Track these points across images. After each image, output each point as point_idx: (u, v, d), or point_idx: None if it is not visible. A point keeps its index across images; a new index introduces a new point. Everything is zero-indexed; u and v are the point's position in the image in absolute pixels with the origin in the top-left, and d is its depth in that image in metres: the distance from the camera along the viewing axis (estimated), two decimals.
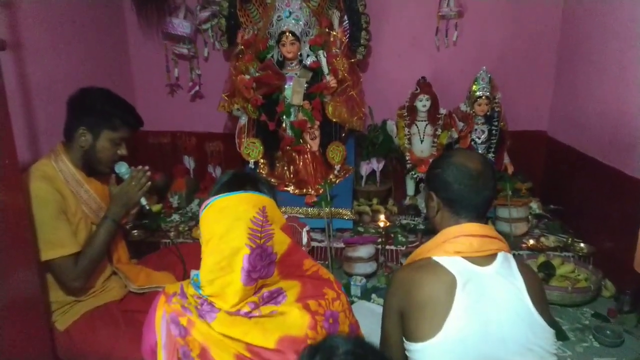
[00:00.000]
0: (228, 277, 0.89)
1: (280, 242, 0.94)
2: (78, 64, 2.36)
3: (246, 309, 0.88)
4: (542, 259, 2.11)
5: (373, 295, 1.87)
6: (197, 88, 2.87)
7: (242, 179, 0.99)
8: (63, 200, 1.53)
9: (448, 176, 1.12)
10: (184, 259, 1.82)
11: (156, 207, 2.66)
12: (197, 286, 0.92)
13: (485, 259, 1.07)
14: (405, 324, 1.05)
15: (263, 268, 0.90)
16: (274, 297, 0.90)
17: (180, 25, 2.64)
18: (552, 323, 1.06)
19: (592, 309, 1.90)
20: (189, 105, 2.97)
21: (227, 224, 0.90)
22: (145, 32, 2.82)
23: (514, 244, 2.27)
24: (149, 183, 1.70)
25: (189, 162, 2.98)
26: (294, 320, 0.86)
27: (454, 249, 1.08)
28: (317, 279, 0.99)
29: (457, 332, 0.98)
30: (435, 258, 1.07)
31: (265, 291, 0.91)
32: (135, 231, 2.40)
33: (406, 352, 1.06)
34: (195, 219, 2.64)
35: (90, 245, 1.57)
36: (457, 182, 1.11)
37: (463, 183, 1.10)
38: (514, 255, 2.10)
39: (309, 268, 1.00)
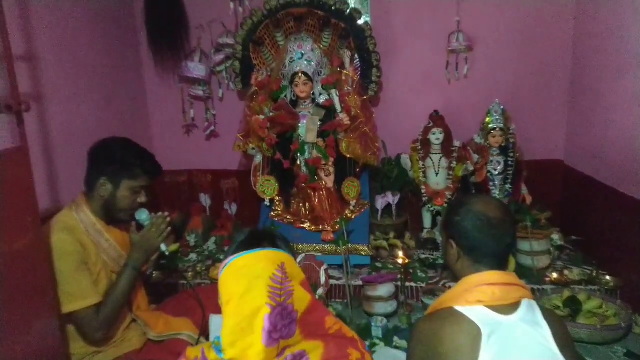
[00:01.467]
0: (249, 338, 0.88)
1: (301, 299, 0.93)
2: (97, 111, 2.43)
3: None
4: (567, 293, 2.05)
5: (395, 338, 1.83)
6: (212, 128, 2.92)
7: (259, 236, 0.99)
8: (84, 250, 1.54)
9: (468, 225, 1.11)
10: (203, 302, 1.81)
11: (174, 247, 2.66)
12: (219, 350, 0.91)
13: (509, 307, 1.04)
14: None
15: (284, 327, 0.89)
16: None
17: (196, 68, 2.71)
18: None
19: (624, 347, 1.83)
20: (204, 144, 3.02)
21: (246, 283, 0.90)
22: (161, 75, 2.90)
23: (537, 277, 2.22)
24: (169, 229, 1.71)
25: (206, 200, 3.01)
26: None
27: (476, 298, 1.05)
28: (340, 338, 0.97)
29: None
30: (458, 308, 1.05)
31: (288, 354, 0.90)
32: (154, 273, 2.41)
33: None
34: (212, 257, 2.64)
35: (111, 294, 1.57)
36: (477, 231, 1.10)
37: (484, 232, 1.09)
38: (538, 290, 2.10)
39: (332, 326, 0.99)
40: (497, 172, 2.57)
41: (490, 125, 2.52)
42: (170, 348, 1.65)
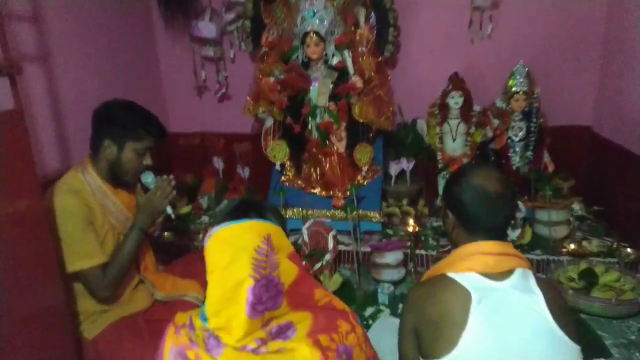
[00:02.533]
0: (233, 308, 0.86)
1: (287, 272, 0.90)
2: (107, 72, 2.40)
3: (253, 345, 0.85)
4: (583, 265, 1.97)
5: (400, 305, 1.81)
6: (223, 90, 2.87)
7: (247, 207, 0.96)
8: (90, 212, 1.56)
9: (465, 198, 1.10)
10: None
11: (186, 209, 2.68)
12: (204, 318, 0.90)
13: (501, 275, 1.05)
14: (420, 342, 1.04)
15: (269, 299, 0.87)
16: (283, 331, 0.87)
17: (206, 28, 2.63)
18: (577, 339, 1.02)
19: (639, 322, 1.76)
20: (217, 107, 2.97)
21: (230, 254, 0.87)
22: (172, 36, 2.84)
23: (553, 248, 2.15)
24: (174, 192, 1.71)
25: (218, 163, 2.99)
26: (303, 357, 0.83)
27: (469, 266, 1.06)
28: (330, 310, 0.95)
29: (473, 347, 0.96)
30: (450, 274, 1.06)
31: (274, 325, 0.88)
32: (166, 233, 2.44)
33: None
34: None
35: (118, 254, 1.59)
36: (474, 204, 1.09)
37: (480, 206, 1.08)
38: (553, 261, 2.03)
39: (321, 298, 0.96)
40: (518, 139, 2.45)
41: (513, 89, 2.39)
42: (177, 309, 1.63)
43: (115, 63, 2.46)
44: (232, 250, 0.88)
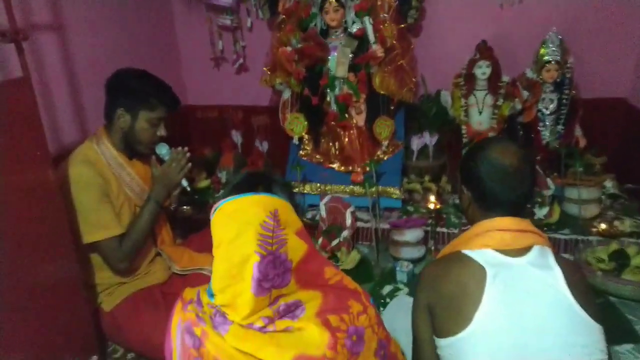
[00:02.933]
0: (238, 285, 0.82)
1: (295, 249, 0.85)
2: (123, 41, 2.35)
3: (260, 324, 0.81)
4: (614, 246, 1.88)
5: None
6: (240, 61, 2.79)
7: (254, 180, 0.91)
8: (105, 183, 1.54)
9: (481, 172, 1.04)
10: None
11: (204, 183, 2.67)
12: (211, 294, 0.87)
13: (518, 251, 1.01)
14: (434, 320, 1.02)
15: (277, 277, 0.83)
16: (292, 310, 0.83)
17: None
18: (600, 318, 0.97)
19: None
20: (234, 78, 2.91)
21: (235, 228, 0.83)
22: (189, 5, 2.76)
23: (582, 228, 2.05)
24: (190, 164, 1.69)
25: (237, 137, 2.95)
26: (311, 338, 0.79)
27: (484, 242, 1.02)
28: (341, 289, 0.90)
29: (487, 324, 0.94)
30: (465, 251, 1.02)
31: (282, 303, 0.84)
32: (185, 207, 2.43)
33: (437, 351, 1.02)
34: None
35: (134, 226, 1.58)
36: (490, 179, 1.03)
37: (496, 181, 1.03)
38: (582, 241, 1.94)
39: (331, 277, 0.92)
40: (548, 112, 2.32)
41: (544, 58, 2.24)
42: (193, 282, 1.66)
43: (130, 33, 2.41)
44: (237, 225, 0.84)
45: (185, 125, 3.01)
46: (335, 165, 2.39)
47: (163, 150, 1.68)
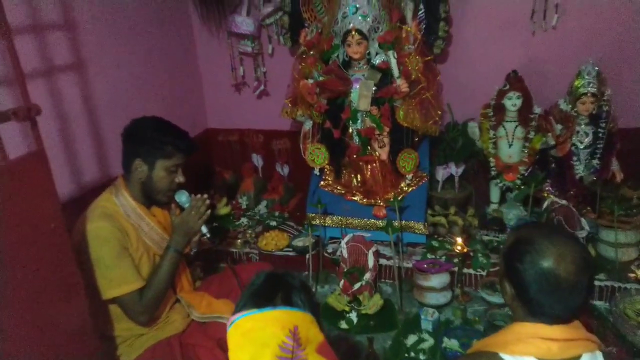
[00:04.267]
0: None
1: None
2: (145, 72, 2.35)
3: None
4: None
5: (445, 339, 1.69)
6: (262, 87, 2.76)
7: (273, 288, 0.86)
8: (124, 236, 1.53)
9: (529, 279, 0.92)
10: (243, 284, 1.78)
11: (225, 210, 2.65)
12: None
13: None
14: None
15: None
16: None
17: (244, 23, 2.50)
18: None
19: None
20: (255, 103, 2.87)
21: (251, 351, 0.79)
22: (210, 32, 2.74)
23: (619, 274, 1.94)
24: (209, 211, 1.67)
25: (257, 160, 2.93)
26: None
27: (527, 351, 0.91)
28: None
29: None
30: (504, 356, 0.92)
31: None
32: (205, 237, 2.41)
33: None
34: (262, 223, 2.60)
35: (154, 277, 1.57)
36: (539, 289, 0.91)
37: (546, 292, 0.91)
38: (619, 289, 1.82)
39: None
40: (583, 146, 2.20)
41: (580, 90, 2.12)
42: (211, 332, 1.64)
43: (153, 63, 2.40)
44: (253, 348, 0.79)
45: (206, 148, 3.00)
46: (357, 198, 2.33)
47: (182, 197, 1.67)
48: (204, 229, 1.70)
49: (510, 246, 0.98)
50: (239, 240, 2.44)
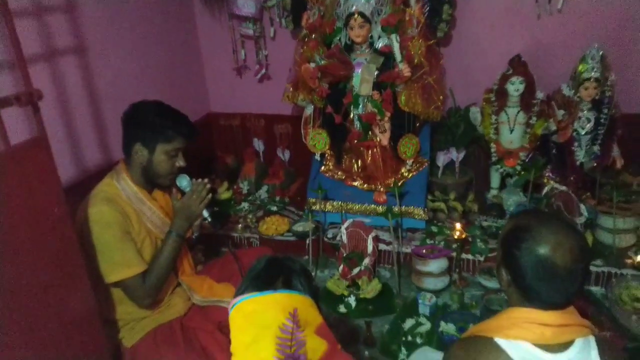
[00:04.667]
0: None
1: (315, 349, 0.83)
2: (147, 55, 2.34)
3: None
4: None
5: (442, 323, 1.71)
6: (263, 71, 2.74)
7: (274, 272, 0.88)
8: (126, 220, 1.54)
9: (526, 266, 0.93)
10: (244, 268, 1.80)
11: (226, 194, 2.67)
12: None
13: (559, 346, 0.92)
14: None
15: None
16: None
17: (245, 4, 2.48)
18: None
19: None
20: (257, 87, 2.86)
21: (253, 333, 0.81)
22: (212, 13, 2.71)
23: (616, 260, 1.95)
24: (210, 195, 1.68)
25: (259, 145, 2.93)
26: None
27: (521, 335, 0.93)
28: None
29: None
30: (498, 340, 0.94)
31: None
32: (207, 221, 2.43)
33: None
34: (263, 208, 2.61)
35: (157, 261, 1.59)
36: (535, 277, 0.92)
37: (543, 279, 0.92)
38: (615, 274, 1.84)
39: None
40: (584, 132, 2.20)
41: (583, 75, 2.11)
42: (212, 315, 1.67)
43: (154, 47, 2.39)
44: (255, 329, 0.81)
45: (208, 132, 3.00)
46: (357, 183, 2.34)
47: (184, 182, 1.68)
48: (205, 213, 1.71)
49: (508, 233, 0.99)
50: (240, 225, 2.46)
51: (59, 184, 1.19)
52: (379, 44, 2.15)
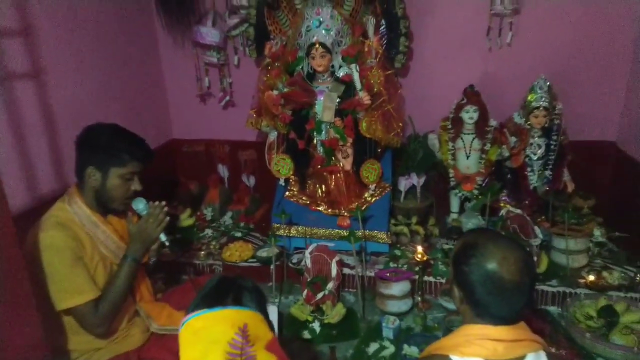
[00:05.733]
0: None
1: None
2: (108, 81, 2.32)
3: None
4: (603, 301, 1.85)
5: (405, 346, 1.72)
6: (227, 98, 2.76)
7: (225, 289, 0.87)
8: (78, 245, 1.49)
9: (475, 282, 0.97)
10: None
11: (188, 221, 2.62)
12: None
13: None
14: None
15: None
16: None
17: (209, 33, 2.51)
18: None
19: None
20: (221, 114, 2.87)
21: (202, 348, 0.80)
22: (175, 41, 2.73)
23: (570, 280, 2.02)
24: (167, 218, 1.63)
25: (223, 171, 2.91)
26: None
27: (475, 352, 0.95)
28: None
29: None
30: (453, 357, 0.96)
31: None
32: (167, 249, 2.37)
33: None
34: (227, 234, 2.58)
35: (111, 287, 1.53)
36: (484, 292, 0.96)
37: (492, 294, 0.95)
38: (570, 294, 1.90)
39: None
40: (536, 157, 2.31)
41: (532, 104, 2.24)
42: (171, 345, 1.60)
43: (115, 71, 2.38)
44: (204, 345, 0.80)
45: (171, 159, 2.97)
46: (321, 208, 2.35)
47: (140, 205, 1.62)
48: (163, 237, 1.66)
49: (458, 251, 1.03)
50: (203, 252, 2.41)
51: (5, 205, 1.14)
52: (340, 73, 2.22)
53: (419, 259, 2.01)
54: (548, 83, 2.21)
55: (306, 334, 1.89)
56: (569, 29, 2.34)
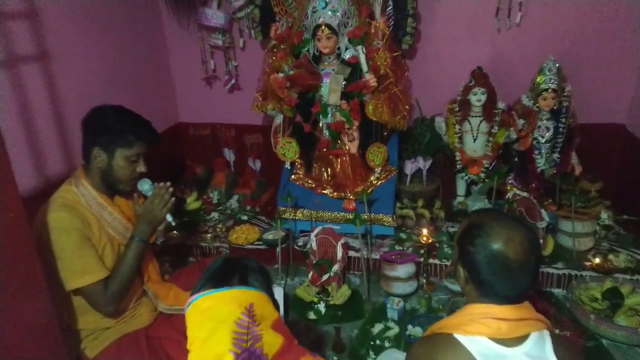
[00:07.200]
0: None
1: (271, 343, 0.83)
2: (113, 65, 2.32)
3: None
4: (608, 284, 1.86)
5: (409, 326, 1.73)
6: (233, 81, 2.75)
7: (230, 270, 0.88)
8: (86, 226, 1.50)
9: (480, 262, 0.96)
10: None
11: (195, 204, 2.64)
12: None
13: (515, 340, 0.95)
14: None
15: None
16: None
17: (214, 15, 2.50)
18: None
19: None
20: (227, 97, 2.87)
21: (209, 327, 0.81)
22: (180, 24, 2.71)
23: (576, 262, 2.02)
24: (173, 199, 1.64)
25: (229, 155, 2.92)
26: None
27: (479, 330, 0.95)
28: None
29: None
30: (457, 336, 0.96)
31: None
32: (174, 232, 2.39)
33: None
34: (233, 217, 2.60)
35: (119, 267, 1.55)
36: (489, 272, 0.96)
37: (497, 274, 0.95)
38: (575, 276, 1.90)
39: None
40: (544, 140, 2.29)
41: (541, 86, 2.20)
42: (178, 324, 1.64)
43: (121, 55, 2.37)
44: (211, 324, 0.81)
45: (177, 142, 2.98)
46: (327, 192, 2.36)
47: (145, 186, 1.63)
48: (169, 217, 1.66)
49: (463, 231, 1.03)
50: (209, 234, 2.43)
51: (15, 187, 1.15)
52: (347, 55, 2.19)
53: (424, 241, 2.02)
54: (557, 64, 2.18)
55: (312, 315, 1.91)
56: (579, 9, 2.30)
